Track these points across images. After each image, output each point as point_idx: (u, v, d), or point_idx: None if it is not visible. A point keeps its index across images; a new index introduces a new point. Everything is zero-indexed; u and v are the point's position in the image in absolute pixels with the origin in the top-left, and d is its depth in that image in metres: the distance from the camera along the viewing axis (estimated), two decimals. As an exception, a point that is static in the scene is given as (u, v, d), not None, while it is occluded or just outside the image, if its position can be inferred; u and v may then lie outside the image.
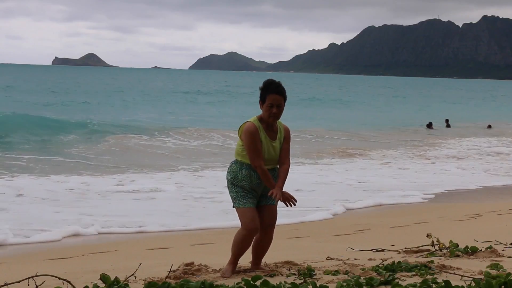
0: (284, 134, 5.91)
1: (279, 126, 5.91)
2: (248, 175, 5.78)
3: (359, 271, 5.68)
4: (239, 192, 5.80)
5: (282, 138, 5.89)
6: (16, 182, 15.23)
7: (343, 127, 36.67)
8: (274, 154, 5.83)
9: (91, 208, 12.46)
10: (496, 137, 34.08)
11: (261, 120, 5.83)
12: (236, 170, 5.83)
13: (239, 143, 5.85)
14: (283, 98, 5.79)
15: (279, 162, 5.87)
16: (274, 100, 5.74)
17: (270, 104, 5.74)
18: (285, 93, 5.83)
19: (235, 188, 5.82)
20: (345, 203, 13.54)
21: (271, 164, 5.83)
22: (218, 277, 5.73)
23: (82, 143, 24.80)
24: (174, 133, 29.02)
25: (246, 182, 5.78)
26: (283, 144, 5.89)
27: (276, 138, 5.85)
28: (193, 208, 12.81)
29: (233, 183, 5.83)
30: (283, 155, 5.87)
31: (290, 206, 5.77)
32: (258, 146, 5.73)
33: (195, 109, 51.49)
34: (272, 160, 5.83)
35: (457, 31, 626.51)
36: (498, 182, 17.62)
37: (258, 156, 5.72)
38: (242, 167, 5.81)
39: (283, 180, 5.79)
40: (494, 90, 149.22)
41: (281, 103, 5.78)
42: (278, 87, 5.78)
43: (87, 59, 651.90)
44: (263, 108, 5.79)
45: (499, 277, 4.82)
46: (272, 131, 5.85)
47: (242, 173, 5.79)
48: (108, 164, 19.53)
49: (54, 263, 7.87)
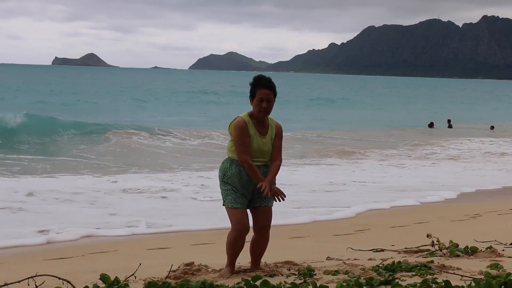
0: (275, 130, 5.90)
1: (270, 123, 5.90)
2: (238, 171, 5.75)
3: (359, 271, 5.68)
4: (229, 190, 5.77)
5: (274, 135, 5.87)
6: (23, 181, 15.30)
7: (355, 127, 36.79)
8: (266, 150, 5.81)
9: (101, 208, 12.47)
10: (500, 138, 33.79)
11: (251, 116, 5.82)
12: (226, 166, 5.82)
13: (230, 139, 5.86)
14: (273, 93, 5.79)
15: (271, 159, 5.85)
16: (264, 95, 5.75)
17: (260, 98, 5.75)
18: (275, 88, 5.83)
19: (225, 186, 5.80)
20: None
21: (262, 161, 5.80)
22: (218, 277, 5.73)
23: (95, 143, 24.80)
24: (181, 133, 28.95)
25: (236, 179, 5.75)
26: (274, 141, 5.87)
27: (267, 134, 5.83)
28: (193, 208, 12.81)
29: (223, 180, 5.81)
30: (275, 152, 5.86)
31: (279, 201, 5.75)
32: (246, 141, 5.72)
33: (221, 109, 51.24)
34: (264, 156, 5.81)
35: (457, 31, 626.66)
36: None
37: (245, 151, 5.70)
38: (233, 164, 5.79)
39: (273, 174, 5.76)
40: (498, 89, 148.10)
41: (271, 97, 5.78)
42: (268, 82, 5.80)
43: (87, 59, 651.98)
44: (253, 103, 5.80)
45: (499, 277, 4.81)
46: (263, 127, 5.83)
47: (232, 169, 5.77)
48: (109, 164, 19.57)
49: (54, 263, 7.87)
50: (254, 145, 5.75)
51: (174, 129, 30.24)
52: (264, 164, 5.83)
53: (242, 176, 5.75)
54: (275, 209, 6.08)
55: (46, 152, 22.07)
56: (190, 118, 40.72)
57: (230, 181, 5.77)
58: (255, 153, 5.76)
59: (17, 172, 17.18)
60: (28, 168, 18.05)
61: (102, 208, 12.53)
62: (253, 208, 5.86)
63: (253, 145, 5.75)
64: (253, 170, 5.67)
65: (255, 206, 5.85)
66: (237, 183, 5.76)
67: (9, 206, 12.27)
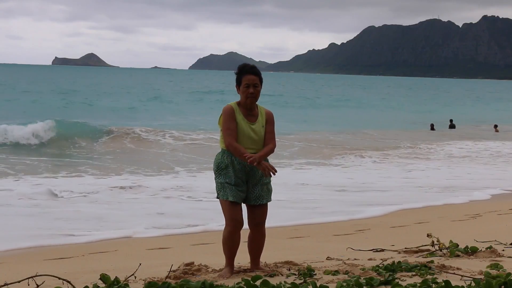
0: (266, 117, 5.91)
1: (260, 111, 5.92)
2: (230, 161, 5.76)
3: (359, 271, 5.68)
4: (223, 183, 5.77)
5: (264, 121, 5.88)
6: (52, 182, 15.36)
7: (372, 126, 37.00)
8: (257, 138, 5.81)
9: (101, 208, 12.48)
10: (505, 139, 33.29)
11: (239, 105, 5.86)
12: (219, 158, 5.84)
13: (221, 129, 5.88)
14: (258, 78, 5.84)
15: (264, 144, 5.84)
16: (249, 80, 5.79)
17: (246, 84, 5.79)
18: (260, 75, 5.88)
19: (219, 179, 5.80)
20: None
21: (255, 149, 5.79)
22: (218, 277, 5.72)
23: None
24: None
25: (230, 169, 5.76)
26: (266, 127, 5.87)
27: (256, 121, 5.84)
28: (193, 208, 12.81)
29: (217, 172, 5.83)
30: (268, 137, 5.86)
31: (270, 176, 5.73)
32: (232, 125, 5.73)
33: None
34: (255, 145, 5.80)
35: (457, 31, 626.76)
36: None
37: (230, 134, 5.71)
38: (224, 154, 5.81)
39: (265, 153, 5.74)
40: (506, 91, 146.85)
41: (257, 83, 5.83)
42: (253, 68, 5.87)
43: (87, 59, 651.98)
44: (240, 91, 5.83)
45: (499, 277, 4.82)
46: (252, 115, 5.85)
47: (224, 159, 5.79)
48: (110, 164, 19.57)
49: (54, 263, 7.87)
50: (243, 131, 5.76)
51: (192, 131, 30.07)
52: (256, 151, 5.80)
53: (235, 165, 5.76)
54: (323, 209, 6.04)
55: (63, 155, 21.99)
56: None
57: (224, 172, 5.77)
58: (245, 140, 5.76)
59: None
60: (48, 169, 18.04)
61: (102, 208, 12.53)
62: (249, 206, 5.87)
63: (241, 131, 5.75)
64: (238, 150, 5.67)
65: (250, 204, 5.85)
66: (231, 173, 5.76)
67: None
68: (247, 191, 5.83)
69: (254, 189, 5.82)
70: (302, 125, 38.58)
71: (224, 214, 5.79)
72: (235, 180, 5.75)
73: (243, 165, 5.75)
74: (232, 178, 5.75)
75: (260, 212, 5.87)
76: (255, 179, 5.80)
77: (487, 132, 37.87)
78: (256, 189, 5.82)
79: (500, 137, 34.38)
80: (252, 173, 5.79)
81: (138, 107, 50.71)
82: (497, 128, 38.55)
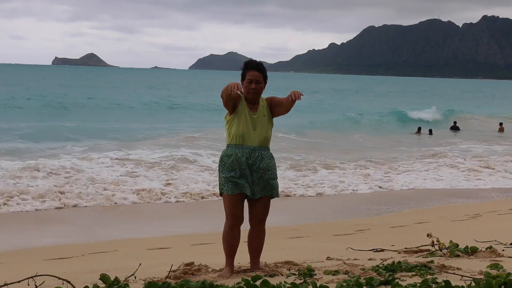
0: (267, 102, 5.97)
1: (261, 102, 5.97)
2: (234, 153, 5.80)
3: (359, 271, 5.68)
4: (226, 178, 5.79)
5: (265, 110, 5.92)
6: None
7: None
8: (260, 129, 5.87)
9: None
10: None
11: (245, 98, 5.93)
12: (223, 151, 5.92)
13: (226, 121, 5.94)
14: (262, 75, 5.89)
15: (285, 100, 5.86)
16: (253, 76, 5.86)
17: (249, 80, 5.86)
18: (265, 72, 5.93)
19: (222, 173, 5.84)
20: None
21: (257, 142, 5.84)
22: (218, 277, 5.72)
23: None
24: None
25: (234, 161, 5.78)
26: (273, 103, 5.93)
27: (257, 110, 5.89)
28: (193, 209, 12.81)
29: (221, 165, 5.86)
30: (282, 99, 5.93)
31: (298, 99, 5.75)
32: (232, 96, 5.72)
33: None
34: (259, 136, 5.86)
35: (457, 31, 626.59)
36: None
37: (226, 89, 5.67)
38: (228, 148, 5.88)
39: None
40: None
41: (260, 79, 5.88)
42: (258, 65, 5.93)
43: (87, 59, 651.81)
44: (243, 86, 5.88)
45: (499, 277, 4.81)
46: (254, 108, 5.92)
47: (228, 152, 5.85)
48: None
49: (54, 263, 7.87)
50: (245, 118, 5.83)
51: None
52: (259, 146, 5.85)
53: (238, 157, 5.80)
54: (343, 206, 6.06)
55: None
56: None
57: (228, 166, 5.80)
58: (246, 131, 5.82)
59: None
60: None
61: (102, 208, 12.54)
62: (252, 200, 5.87)
63: (243, 118, 5.83)
64: (227, 86, 5.66)
65: (254, 198, 5.85)
66: (235, 165, 5.77)
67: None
68: (252, 184, 5.84)
69: (259, 182, 5.84)
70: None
71: (225, 208, 5.84)
72: (239, 172, 5.79)
73: (246, 157, 5.80)
74: (237, 170, 5.78)
75: (263, 209, 5.89)
76: (258, 172, 5.82)
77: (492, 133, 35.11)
78: (261, 182, 5.84)
79: (504, 139, 31.67)
80: (255, 166, 5.81)
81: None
82: (502, 125, 35.86)
